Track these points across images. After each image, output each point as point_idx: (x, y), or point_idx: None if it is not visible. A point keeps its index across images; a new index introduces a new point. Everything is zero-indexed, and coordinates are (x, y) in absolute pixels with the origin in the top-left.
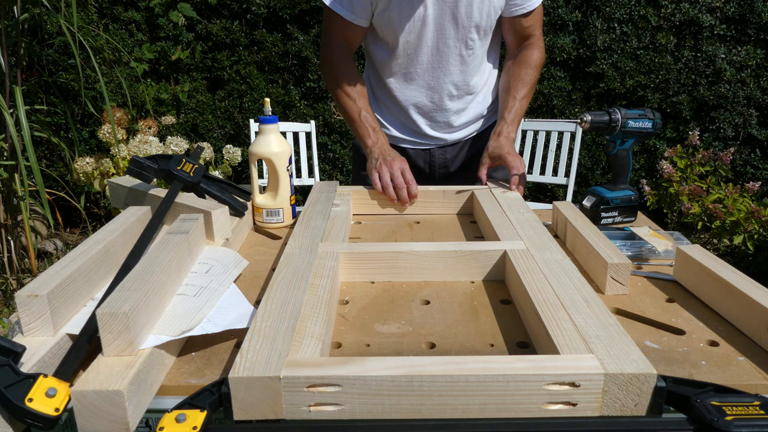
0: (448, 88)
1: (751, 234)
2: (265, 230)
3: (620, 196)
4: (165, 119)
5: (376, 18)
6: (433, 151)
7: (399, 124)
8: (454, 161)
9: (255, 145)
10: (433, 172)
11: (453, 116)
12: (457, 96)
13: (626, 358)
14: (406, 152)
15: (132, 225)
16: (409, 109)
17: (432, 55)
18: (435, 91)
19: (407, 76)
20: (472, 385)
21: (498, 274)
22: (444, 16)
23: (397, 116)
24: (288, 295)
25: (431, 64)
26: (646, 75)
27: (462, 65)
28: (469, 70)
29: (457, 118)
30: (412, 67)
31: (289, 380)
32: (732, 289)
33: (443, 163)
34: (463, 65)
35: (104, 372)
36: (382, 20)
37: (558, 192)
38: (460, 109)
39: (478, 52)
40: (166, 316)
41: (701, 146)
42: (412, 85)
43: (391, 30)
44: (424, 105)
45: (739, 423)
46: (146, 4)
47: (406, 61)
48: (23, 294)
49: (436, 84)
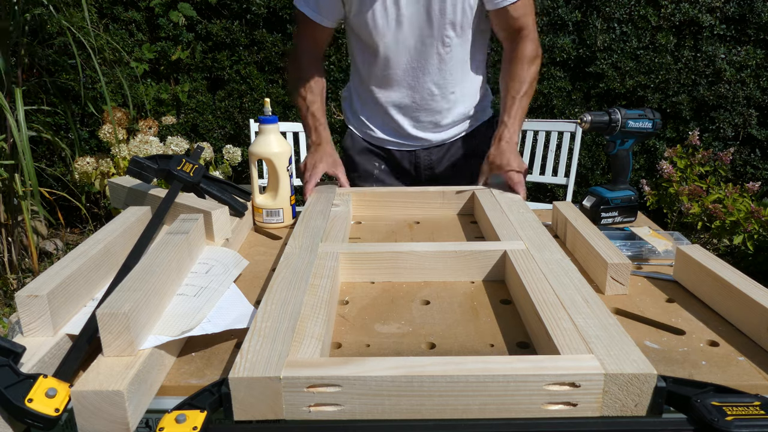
0: (429, 87)
1: (751, 234)
2: (265, 230)
3: (620, 196)
4: (165, 119)
5: (353, 20)
6: (419, 152)
7: (382, 125)
8: (440, 163)
9: (255, 145)
10: (418, 174)
11: (437, 116)
12: (439, 95)
13: (626, 359)
14: (391, 153)
15: (132, 225)
16: (392, 110)
17: (410, 55)
18: (416, 91)
19: (388, 78)
20: (472, 386)
21: (498, 274)
22: (419, 14)
23: (381, 118)
24: (288, 296)
25: (410, 63)
26: (646, 75)
27: (441, 63)
28: (449, 68)
29: (442, 118)
30: (391, 69)
31: (289, 380)
32: (732, 289)
33: (429, 165)
34: (442, 63)
35: (104, 372)
36: (358, 22)
37: (558, 192)
38: (445, 108)
39: (458, 50)
40: (166, 316)
41: (701, 146)
42: (393, 86)
43: (367, 32)
44: (407, 105)
45: (739, 423)
46: (146, 4)
47: (386, 62)
48: (23, 294)
49: (416, 84)
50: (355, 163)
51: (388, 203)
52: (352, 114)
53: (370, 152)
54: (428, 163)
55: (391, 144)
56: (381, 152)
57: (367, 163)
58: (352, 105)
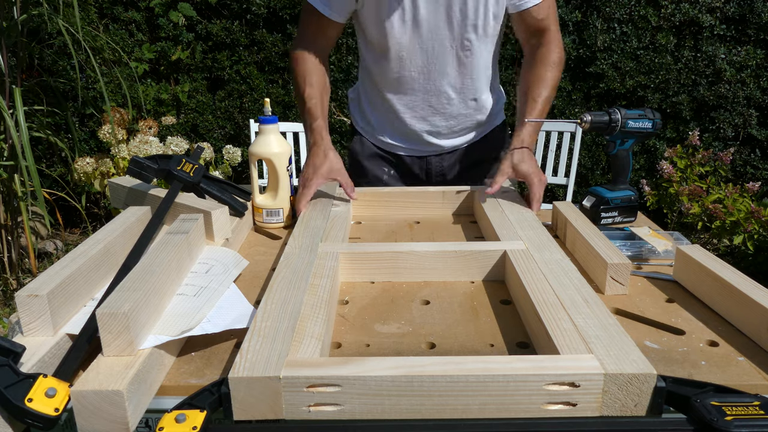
0: (446, 91)
1: (751, 234)
2: (265, 230)
3: (620, 196)
4: (165, 119)
5: (365, 17)
6: (430, 158)
7: (394, 131)
8: (451, 169)
9: (255, 146)
10: (429, 180)
11: (453, 120)
12: (457, 99)
13: (626, 358)
14: (402, 159)
15: (132, 225)
16: (404, 115)
17: (427, 57)
18: (432, 95)
19: (402, 80)
20: (472, 385)
21: (498, 275)
22: (438, 15)
23: (392, 123)
24: (288, 295)
25: (427, 66)
26: (646, 75)
27: (460, 67)
28: (467, 73)
29: (457, 123)
30: (406, 71)
31: (288, 380)
32: (732, 289)
33: (440, 171)
34: (461, 67)
35: (104, 372)
36: (371, 19)
37: (558, 192)
38: (461, 114)
39: (478, 55)
40: (166, 316)
41: (701, 146)
42: (406, 89)
43: (380, 30)
44: (422, 109)
45: (738, 423)
46: (146, 4)
47: (400, 64)
48: (23, 294)
49: (433, 87)
50: (364, 168)
51: (388, 203)
52: (361, 117)
53: (379, 158)
54: (440, 169)
55: (402, 150)
56: (391, 158)
57: (376, 168)
58: (361, 108)
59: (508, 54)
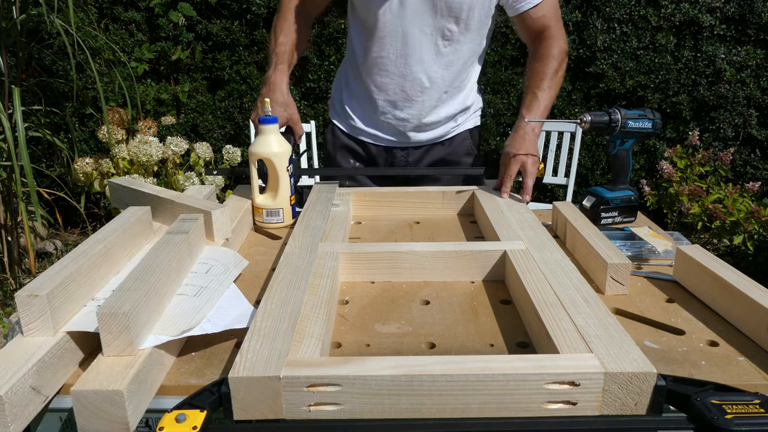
0: (420, 78)
1: (751, 234)
2: (265, 230)
3: (620, 196)
4: (165, 119)
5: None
6: (395, 151)
7: (364, 114)
8: (415, 165)
9: (255, 145)
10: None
11: (423, 110)
12: (429, 88)
13: (626, 357)
14: (368, 148)
15: (132, 225)
16: (378, 96)
17: (407, 41)
18: (407, 80)
19: (380, 62)
20: (472, 385)
21: (498, 274)
22: (423, 1)
23: (364, 107)
24: (288, 295)
25: (404, 50)
26: (646, 75)
27: (437, 56)
28: (444, 63)
29: (427, 114)
30: (385, 51)
31: (288, 380)
32: (732, 289)
33: (404, 166)
34: (439, 56)
35: (104, 372)
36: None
37: (558, 192)
38: (432, 105)
39: (458, 47)
40: (166, 316)
41: (701, 146)
42: (383, 72)
43: (367, 6)
44: (395, 93)
45: (739, 421)
46: (146, 4)
47: (380, 44)
48: (23, 294)
49: (408, 72)
50: (332, 158)
51: (388, 203)
52: (338, 100)
53: (347, 150)
54: (404, 163)
55: (369, 137)
56: (359, 148)
57: (342, 160)
58: (339, 88)
59: (508, 54)
